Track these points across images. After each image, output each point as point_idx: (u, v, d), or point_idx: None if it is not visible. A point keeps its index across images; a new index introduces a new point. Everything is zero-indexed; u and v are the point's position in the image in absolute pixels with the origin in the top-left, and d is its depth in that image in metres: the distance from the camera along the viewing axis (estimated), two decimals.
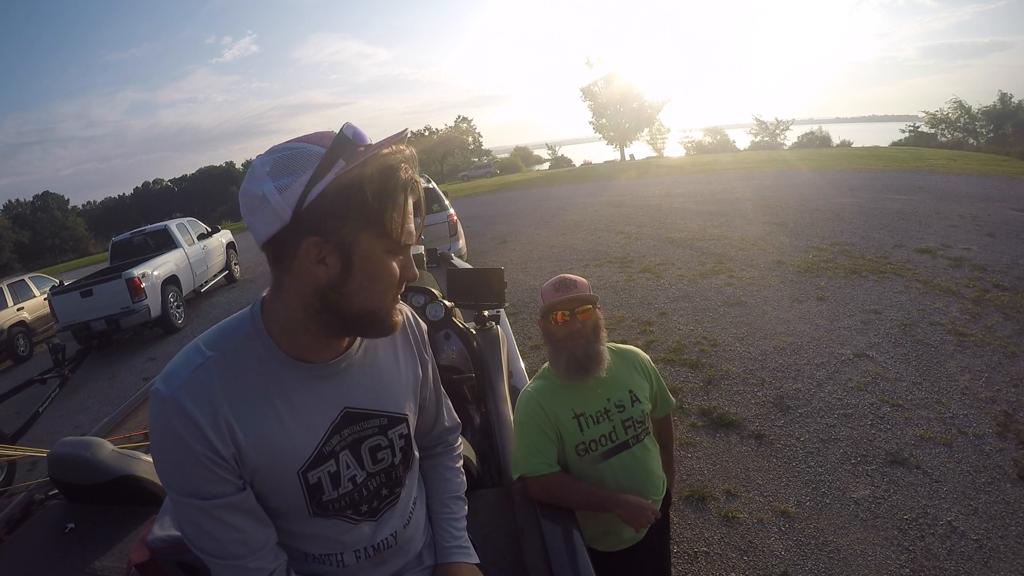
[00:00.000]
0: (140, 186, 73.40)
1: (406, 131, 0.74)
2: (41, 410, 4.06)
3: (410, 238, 0.76)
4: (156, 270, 8.25)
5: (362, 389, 0.86)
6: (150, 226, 10.25)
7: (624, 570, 1.55)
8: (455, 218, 7.69)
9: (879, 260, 6.20)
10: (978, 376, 3.56)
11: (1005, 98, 33.06)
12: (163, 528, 1.06)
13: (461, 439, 1.18)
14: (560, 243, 9.53)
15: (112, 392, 6.22)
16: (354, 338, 0.87)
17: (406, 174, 0.72)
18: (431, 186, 7.95)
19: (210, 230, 10.91)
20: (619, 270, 7.17)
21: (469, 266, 4.05)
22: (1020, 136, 26.94)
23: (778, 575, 2.25)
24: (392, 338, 0.93)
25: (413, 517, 0.97)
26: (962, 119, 34.27)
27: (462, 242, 7.74)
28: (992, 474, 2.67)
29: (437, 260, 4.14)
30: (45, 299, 8.83)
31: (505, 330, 2.66)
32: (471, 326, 2.43)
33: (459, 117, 65.61)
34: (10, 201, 61.77)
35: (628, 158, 41.08)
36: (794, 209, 9.96)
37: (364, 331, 0.83)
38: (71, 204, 65.64)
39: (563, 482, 1.41)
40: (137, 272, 7.74)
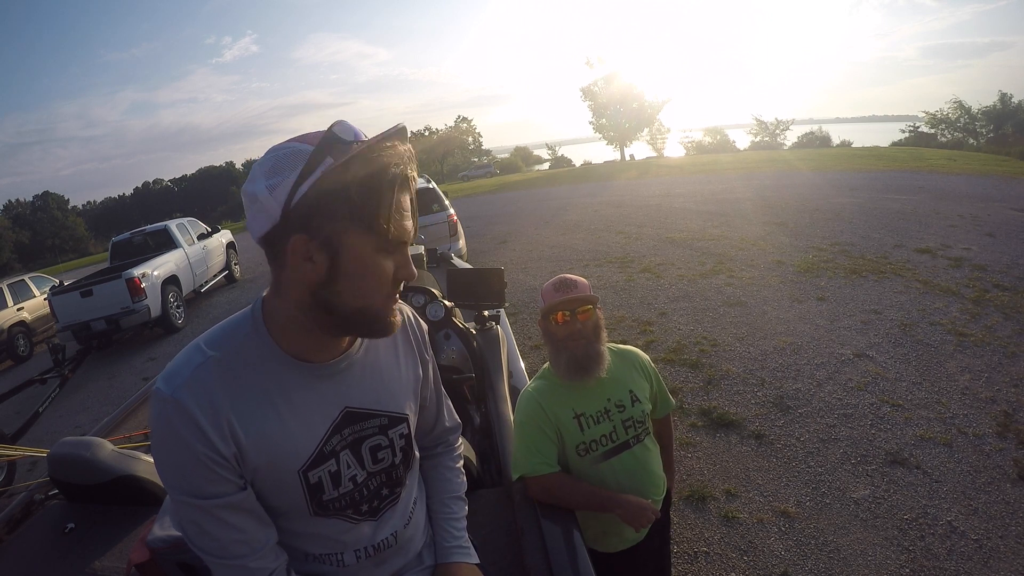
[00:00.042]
0: (140, 186, 73.41)
1: (399, 126, 0.73)
2: (41, 410, 4.06)
3: (404, 235, 0.74)
4: (156, 270, 8.26)
5: (363, 389, 0.86)
6: (150, 226, 10.25)
7: (624, 570, 1.55)
8: (455, 218, 7.69)
9: (879, 260, 6.20)
10: (978, 376, 3.56)
11: (1005, 98, 33.06)
12: (163, 528, 1.05)
13: (461, 439, 1.18)
14: (560, 243, 9.53)
15: (112, 392, 6.21)
16: (355, 338, 0.86)
17: (397, 169, 0.70)
18: (431, 186, 7.94)
19: (210, 230, 10.92)
20: (619, 270, 7.17)
21: (469, 266, 4.05)
22: (1020, 136, 26.93)
23: (778, 575, 2.25)
24: (393, 338, 0.93)
25: (413, 517, 0.97)
26: (962, 119, 34.26)
27: (462, 242, 7.74)
28: (992, 474, 2.67)
29: (437, 260, 4.15)
30: (45, 299, 8.83)
31: (505, 330, 2.66)
32: (471, 326, 2.43)
33: (459, 117, 65.70)
34: (10, 201, 61.83)
35: (628, 158, 41.07)
36: (794, 209, 9.96)
37: (360, 330, 0.82)
38: (71, 204, 65.66)
39: (563, 482, 1.41)
40: (137, 272, 7.74)
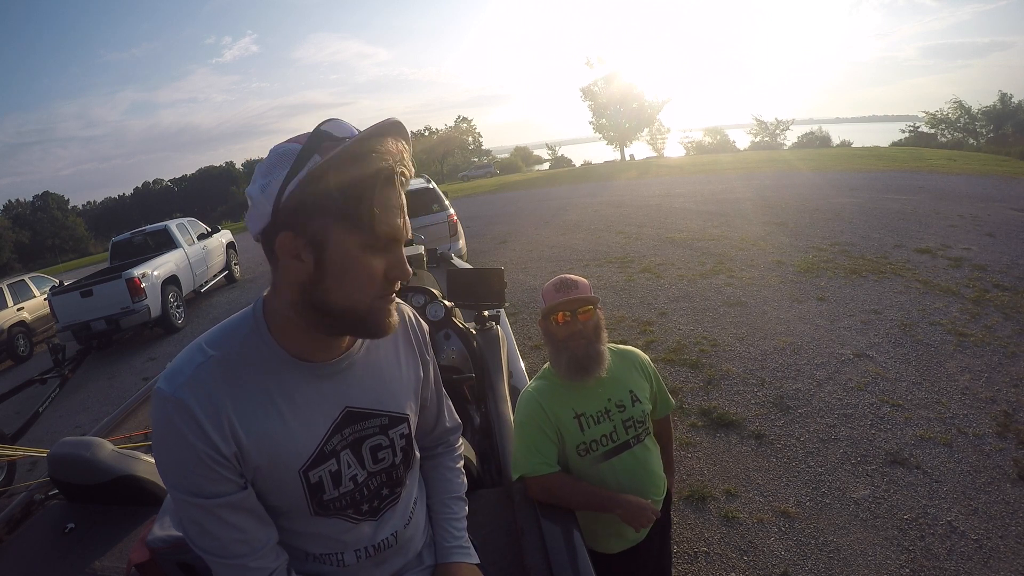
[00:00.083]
0: (140, 186, 73.35)
1: (388, 120, 0.71)
2: (41, 410, 4.06)
3: (393, 232, 0.73)
4: (156, 270, 8.26)
5: (363, 389, 0.86)
6: (150, 226, 10.25)
7: (625, 571, 1.55)
8: (455, 218, 7.69)
9: (879, 260, 6.20)
10: (978, 376, 3.56)
11: (1005, 98, 33.06)
12: (163, 528, 1.05)
13: (462, 439, 1.18)
14: (560, 243, 9.53)
15: (112, 392, 6.21)
16: (355, 337, 0.86)
17: (382, 164, 0.69)
18: (431, 186, 7.94)
19: (210, 230, 10.92)
20: (619, 270, 7.17)
21: (469, 266, 4.06)
22: (1020, 136, 26.93)
23: (778, 575, 2.25)
24: (394, 338, 0.93)
25: (414, 517, 0.97)
26: (962, 119, 34.26)
27: (462, 242, 7.73)
28: (992, 474, 2.67)
29: (437, 260, 4.15)
30: (45, 299, 8.82)
31: (505, 330, 2.65)
32: (471, 326, 2.43)
33: (459, 117, 65.71)
34: (10, 201, 61.80)
35: (628, 158, 41.06)
36: (794, 209, 9.96)
37: (352, 330, 0.81)
38: (71, 204, 65.61)
39: (563, 482, 1.41)
40: (137, 272, 7.74)
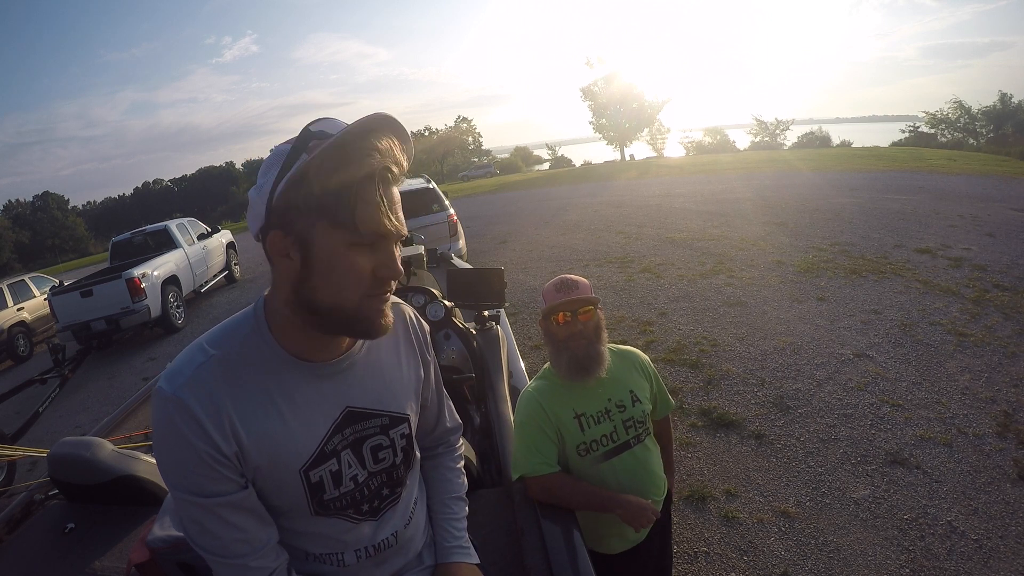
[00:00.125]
0: (140, 186, 73.45)
1: (376, 115, 0.70)
2: (41, 410, 4.06)
3: (378, 229, 0.71)
4: (156, 270, 8.26)
5: (364, 388, 0.86)
6: (150, 226, 10.25)
7: (625, 571, 1.55)
8: (455, 218, 7.68)
9: (879, 260, 6.20)
10: (978, 376, 3.56)
11: (1005, 98, 33.07)
12: (163, 528, 1.06)
13: (462, 440, 1.18)
14: (560, 243, 9.53)
15: (112, 392, 6.21)
16: (353, 338, 0.86)
17: (367, 160, 0.68)
18: (431, 186, 7.94)
19: (210, 230, 10.92)
20: (619, 270, 7.17)
21: (469, 266, 4.06)
22: (1020, 136, 26.93)
23: (778, 575, 2.25)
24: (395, 338, 0.93)
25: (414, 517, 0.97)
26: (962, 119, 34.26)
27: (462, 242, 7.73)
28: (992, 474, 2.67)
29: (437, 260, 4.15)
30: (45, 299, 8.82)
31: (505, 330, 2.65)
32: (471, 326, 2.43)
33: (459, 117, 65.68)
34: (10, 201, 61.83)
35: (628, 158, 41.06)
36: (794, 209, 9.96)
37: (345, 329, 0.80)
38: (71, 204, 65.66)
39: (563, 482, 1.41)
40: (137, 272, 7.74)
